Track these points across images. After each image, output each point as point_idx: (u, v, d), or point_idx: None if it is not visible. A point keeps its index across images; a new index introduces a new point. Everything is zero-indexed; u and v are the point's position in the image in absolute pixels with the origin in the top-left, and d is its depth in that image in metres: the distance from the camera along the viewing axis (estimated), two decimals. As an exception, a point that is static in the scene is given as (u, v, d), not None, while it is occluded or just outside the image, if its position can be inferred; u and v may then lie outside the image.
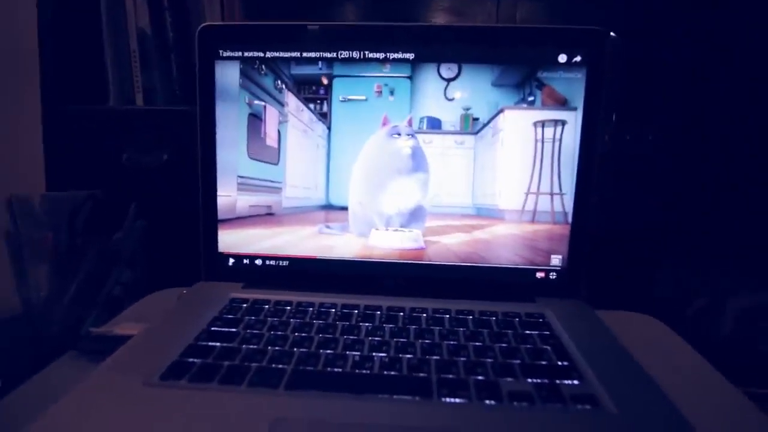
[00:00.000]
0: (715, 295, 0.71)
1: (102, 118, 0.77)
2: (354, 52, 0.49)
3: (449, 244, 0.50)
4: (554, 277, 0.50)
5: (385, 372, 0.35)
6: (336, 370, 0.35)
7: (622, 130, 0.79)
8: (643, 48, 0.77)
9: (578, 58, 0.47)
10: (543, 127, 0.48)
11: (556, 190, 0.49)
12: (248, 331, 0.40)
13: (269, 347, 0.38)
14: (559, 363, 0.37)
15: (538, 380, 0.34)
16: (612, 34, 0.70)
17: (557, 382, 0.34)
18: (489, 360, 0.37)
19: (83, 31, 0.77)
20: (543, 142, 0.49)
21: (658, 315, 0.54)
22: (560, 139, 0.48)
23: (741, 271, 0.72)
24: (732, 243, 0.74)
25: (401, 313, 0.44)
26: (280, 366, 0.35)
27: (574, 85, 0.48)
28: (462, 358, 0.37)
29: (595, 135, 0.48)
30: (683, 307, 0.72)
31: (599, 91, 0.47)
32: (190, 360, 0.35)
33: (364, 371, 0.35)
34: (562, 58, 0.47)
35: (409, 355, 0.37)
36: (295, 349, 0.37)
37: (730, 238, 0.74)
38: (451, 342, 0.39)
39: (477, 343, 0.39)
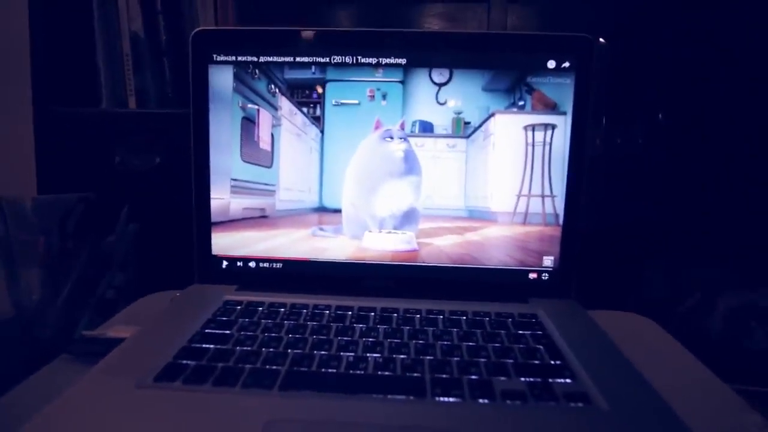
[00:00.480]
0: (704, 294, 0.72)
1: (94, 121, 0.77)
2: (347, 57, 0.49)
3: (442, 246, 0.51)
4: (546, 278, 0.50)
5: (379, 372, 0.35)
6: (330, 370, 0.35)
7: (612, 134, 0.80)
8: (632, 53, 0.79)
9: (567, 64, 0.48)
10: (533, 130, 0.49)
11: (547, 192, 0.49)
12: (242, 332, 0.40)
13: (263, 349, 0.38)
14: (552, 362, 0.37)
15: (531, 379, 0.35)
16: (601, 40, 0.71)
17: (550, 380, 0.34)
18: (482, 359, 0.37)
19: (75, 33, 0.76)
20: (533, 146, 0.49)
21: (649, 314, 0.55)
22: (550, 143, 0.49)
23: (730, 270, 0.73)
24: (721, 243, 0.75)
25: (395, 314, 0.45)
26: (274, 367, 0.35)
27: (563, 90, 0.48)
28: (455, 358, 0.37)
29: (584, 138, 0.48)
30: (674, 306, 0.73)
31: (587, 95, 0.48)
32: (184, 362, 0.35)
33: (358, 372, 0.35)
34: (551, 64, 0.48)
35: (403, 356, 0.37)
36: (289, 351, 0.37)
37: (720, 238, 0.75)
38: (445, 342, 0.40)
39: (470, 343, 0.40)
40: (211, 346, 0.38)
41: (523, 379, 0.35)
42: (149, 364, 0.35)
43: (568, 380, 0.35)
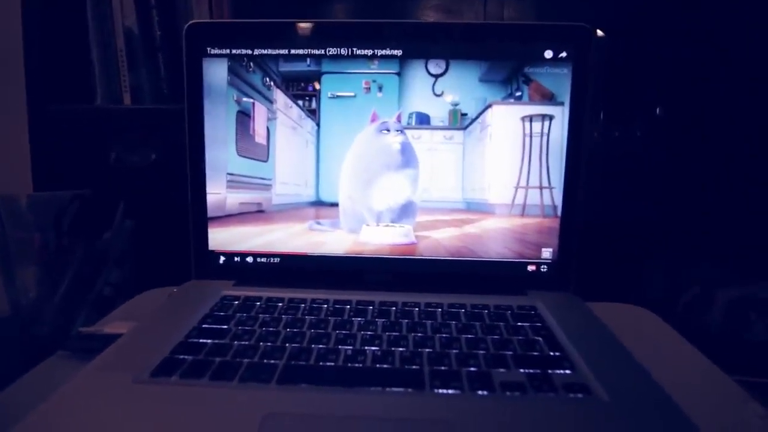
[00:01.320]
0: (704, 287, 0.72)
1: (89, 118, 0.77)
2: (342, 49, 0.48)
3: (440, 239, 0.50)
4: (545, 270, 0.50)
5: (378, 365, 0.35)
6: (328, 364, 0.35)
7: (610, 127, 0.80)
8: (631, 46, 0.78)
9: (564, 54, 0.48)
10: (531, 121, 0.49)
11: (545, 183, 0.49)
12: (240, 327, 0.40)
13: (261, 343, 0.37)
14: (551, 353, 0.37)
15: (531, 370, 0.34)
16: (599, 32, 0.71)
17: (549, 371, 0.34)
18: (481, 351, 0.37)
19: (69, 30, 0.76)
20: (531, 137, 0.49)
21: (648, 306, 0.55)
22: (548, 134, 0.49)
23: (730, 264, 0.73)
24: (720, 235, 0.75)
25: (393, 308, 0.44)
26: (272, 361, 0.35)
27: (560, 80, 0.48)
28: (454, 350, 0.37)
29: (582, 129, 0.48)
30: (673, 299, 0.73)
31: (585, 86, 0.48)
32: (181, 356, 0.35)
33: (356, 365, 0.35)
34: (549, 54, 0.48)
35: (401, 348, 0.37)
36: (287, 345, 0.37)
37: (719, 230, 0.75)
38: (444, 335, 0.39)
39: (469, 336, 0.39)
40: (209, 340, 0.38)
41: (522, 370, 0.34)
42: (146, 359, 0.34)
43: (567, 371, 0.35)
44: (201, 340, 0.38)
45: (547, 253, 0.50)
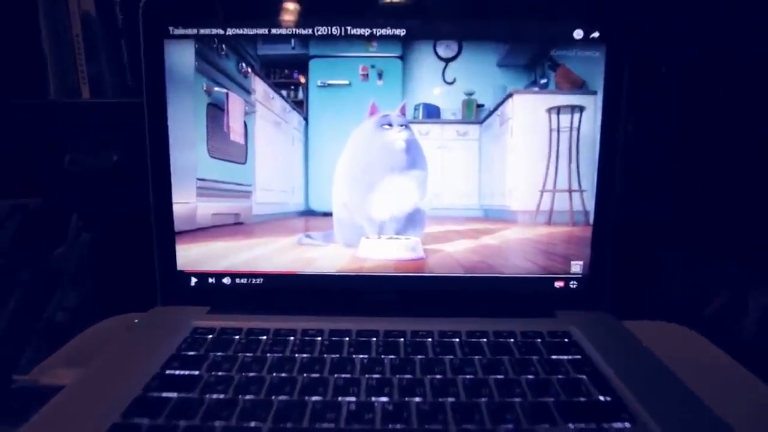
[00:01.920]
0: (738, 294, 0.67)
1: (41, 114, 0.68)
2: (334, 28, 0.42)
3: (453, 253, 0.45)
4: (575, 286, 0.44)
5: (390, 425, 0.28)
6: (326, 425, 0.27)
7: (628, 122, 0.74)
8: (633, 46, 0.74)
9: (596, 34, 0.42)
10: (558, 113, 0.44)
11: (574, 186, 0.44)
12: (213, 373, 0.33)
13: (239, 396, 0.30)
14: (601, 398, 0.31)
15: (582, 425, 0.28)
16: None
17: (605, 425, 0.28)
18: (517, 399, 0.30)
19: (16, 15, 0.67)
20: (558, 132, 0.44)
21: (678, 319, 0.49)
22: (578, 128, 0.43)
23: (760, 266, 0.68)
24: (752, 240, 0.70)
25: (402, 339, 0.38)
26: (253, 424, 0.27)
27: (592, 66, 0.42)
28: (484, 399, 0.30)
29: (618, 122, 0.42)
30: (701, 307, 0.68)
31: (622, 71, 0.42)
32: (135, 420, 0.28)
33: (362, 426, 0.27)
34: (578, 34, 0.42)
35: (417, 399, 0.30)
36: (272, 397, 0.30)
37: (749, 234, 0.70)
38: (468, 375, 0.33)
39: (499, 376, 0.33)
40: (173, 394, 0.30)
41: (571, 425, 0.28)
42: (89, 427, 0.26)
43: (626, 424, 0.29)
44: (163, 394, 0.30)
45: (577, 266, 0.43)
